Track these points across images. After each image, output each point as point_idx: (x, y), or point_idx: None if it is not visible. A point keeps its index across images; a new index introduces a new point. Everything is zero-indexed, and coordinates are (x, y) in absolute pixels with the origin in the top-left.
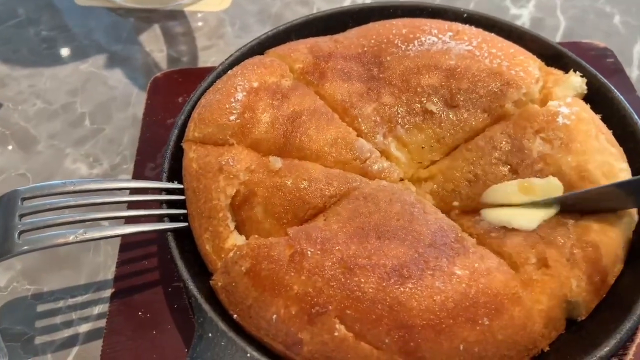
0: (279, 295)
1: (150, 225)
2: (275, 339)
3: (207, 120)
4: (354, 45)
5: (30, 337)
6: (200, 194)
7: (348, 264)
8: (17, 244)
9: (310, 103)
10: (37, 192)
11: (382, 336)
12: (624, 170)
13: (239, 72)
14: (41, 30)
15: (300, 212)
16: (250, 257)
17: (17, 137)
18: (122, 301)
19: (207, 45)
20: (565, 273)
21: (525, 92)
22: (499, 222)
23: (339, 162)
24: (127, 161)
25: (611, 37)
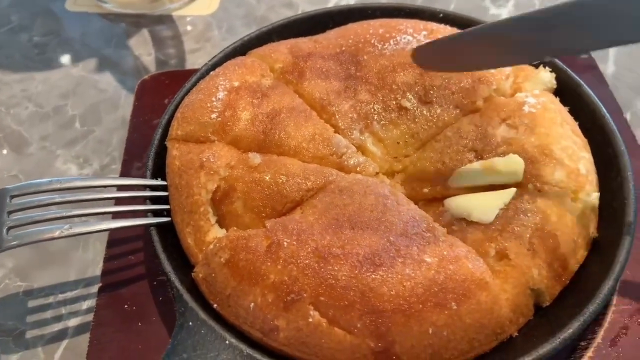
0: (256, 284)
1: (134, 220)
2: (253, 326)
3: (189, 118)
4: (332, 45)
5: (21, 332)
6: (182, 190)
7: (322, 253)
8: (5, 240)
9: (289, 101)
10: (24, 190)
11: (354, 321)
12: (585, 158)
13: (220, 72)
14: (33, 36)
15: (278, 205)
16: (229, 249)
17: (10, 140)
18: (109, 295)
19: (195, 48)
20: (526, 263)
21: (496, 88)
22: (459, 213)
23: (316, 157)
24: (116, 161)
25: None
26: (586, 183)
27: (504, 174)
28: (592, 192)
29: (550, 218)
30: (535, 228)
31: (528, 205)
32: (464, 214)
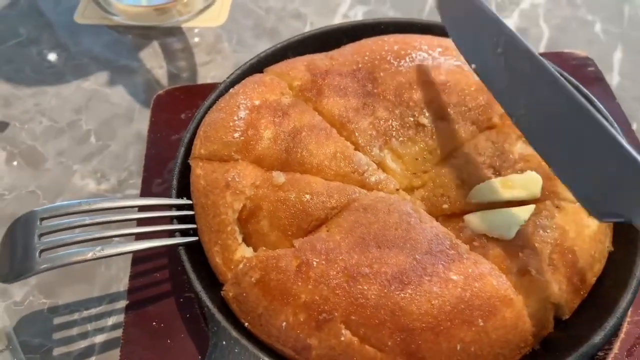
0: (288, 303)
1: (163, 241)
2: (285, 344)
3: (212, 138)
4: (348, 62)
5: (48, 349)
6: (208, 209)
7: (351, 272)
8: (38, 262)
9: (310, 119)
10: (54, 212)
11: (385, 339)
12: None
13: (240, 90)
14: (43, 49)
15: (304, 223)
16: (259, 269)
17: (25, 155)
18: (137, 312)
19: (206, 60)
20: (547, 278)
21: None
22: (480, 229)
23: (338, 175)
24: (134, 176)
25: (593, 44)
26: None
27: (523, 191)
28: None
29: (569, 234)
30: (555, 244)
31: (547, 221)
32: (484, 230)
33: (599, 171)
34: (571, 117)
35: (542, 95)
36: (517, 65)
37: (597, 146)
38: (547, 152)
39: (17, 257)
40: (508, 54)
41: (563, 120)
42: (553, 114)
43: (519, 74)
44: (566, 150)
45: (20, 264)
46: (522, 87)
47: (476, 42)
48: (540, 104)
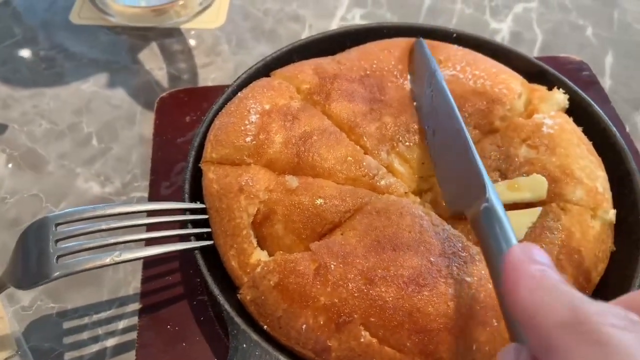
0: (307, 306)
1: (180, 245)
2: (305, 346)
3: (223, 142)
4: (356, 67)
5: (59, 353)
6: (223, 214)
7: (369, 275)
8: (56, 268)
9: (319, 123)
10: (69, 218)
11: (403, 340)
12: (601, 177)
13: (250, 95)
14: (39, 50)
15: (318, 227)
16: (277, 272)
17: (26, 158)
18: (150, 316)
19: (206, 62)
20: None
21: (509, 108)
22: None
23: (349, 178)
24: (138, 179)
25: (584, 48)
26: (604, 201)
27: (529, 193)
28: (609, 209)
29: (575, 235)
30: (562, 245)
31: (553, 223)
32: None
33: (460, 178)
34: (453, 137)
35: (443, 120)
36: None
37: (463, 162)
38: (437, 163)
39: (32, 264)
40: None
41: (451, 143)
42: (448, 140)
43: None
44: (447, 162)
45: (37, 270)
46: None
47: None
48: (442, 130)
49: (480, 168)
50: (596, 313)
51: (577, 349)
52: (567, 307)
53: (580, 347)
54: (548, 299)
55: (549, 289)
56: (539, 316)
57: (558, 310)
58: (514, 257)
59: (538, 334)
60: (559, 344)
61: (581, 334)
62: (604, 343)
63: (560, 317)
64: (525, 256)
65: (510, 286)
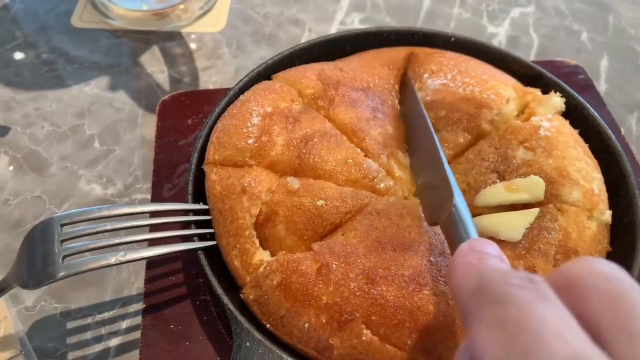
0: (310, 305)
1: (184, 245)
2: (308, 345)
3: (226, 144)
4: (359, 79)
5: (63, 353)
6: (226, 214)
7: (370, 275)
8: (61, 268)
9: (320, 126)
10: (74, 218)
11: (404, 338)
12: (597, 179)
13: (252, 97)
14: (41, 53)
15: (319, 228)
16: (280, 272)
17: (29, 160)
18: (154, 316)
19: (207, 65)
20: None
21: (497, 112)
22: (487, 232)
23: (349, 180)
24: (140, 181)
25: (580, 53)
26: (600, 202)
27: (527, 194)
28: (605, 210)
29: (571, 235)
30: (559, 245)
31: (550, 223)
32: (492, 233)
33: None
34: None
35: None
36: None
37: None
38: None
39: (38, 264)
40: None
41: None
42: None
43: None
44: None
45: (43, 270)
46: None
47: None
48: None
49: (449, 176)
50: (498, 277)
51: (480, 309)
52: (476, 277)
53: (482, 308)
54: (467, 276)
55: (477, 270)
56: (458, 290)
57: (469, 281)
58: (460, 249)
59: (459, 308)
60: (468, 309)
61: (483, 296)
62: (501, 300)
63: (470, 286)
64: (468, 248)
65: (450, 272)
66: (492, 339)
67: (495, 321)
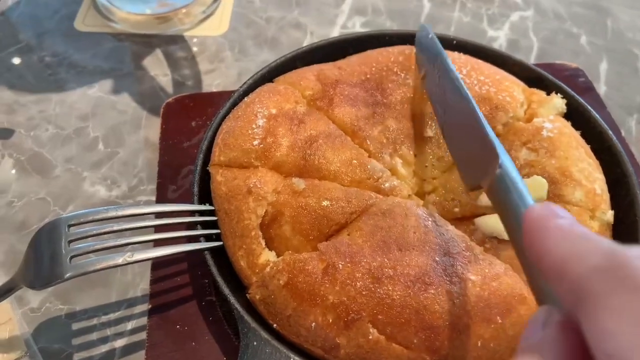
0: (317, 305)
1: (191, 245)
2: (315, 344)
3: (231, 145)
4: (357, 72)
5: (69, 354)
6: (232, 215)
7: (376, 274)
8: (69, 268)
9: (325, 127)
10: (82, 219)
11: (411, 337)
12: (599, 179)
13: (256, 99)
14: (44, 56)
15: (324, 228)
16: (286, 272)
17: (33, 162)
18: (160, 316)
19: (210, 69)
20: None
21: (512, 115)
22: (491, 232)
23: (354, 181)
24: (144, 183)
25: (579, 56)
26: (602, 202)
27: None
28: (607, 211)
29: None
30: None
31: None
32: (496, 233)
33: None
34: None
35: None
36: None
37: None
38: (450, 142)
39: (45, 264)
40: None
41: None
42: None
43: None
44: (459, 138)
45: (50, 270)
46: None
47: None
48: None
49: (491, 136)
50: (636, 257)
51: (614, 294)
52: (602, 252)
53: (617, 293)
54: (579, 247)
55: (579, 237)
56: (570, 264)
57: (591, 256)
58: (537, 212)
59: (569, 284)
60: (593, 289)
61: (619, 279)
62: None
63: (595, 262)
64: (547, 211)
65: (536, 240)
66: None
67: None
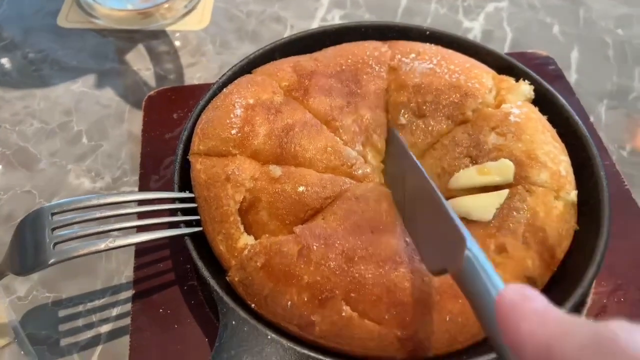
0: (292, 285)
1: (171, 231)
2: (291, 322)
3: (210, 134)
4: (332, 64)
5: (55, 340)
6: (211, 202)
7: (349, 255)
8: (53, 254)
9: (301, 116)
10: (65, 207)
11: (382, 313)
12: (564, 161)
13: (234, 90)
14: (28, 52)
15: (300, 213)
16: (263, 254)
17: (18, 157)
18: (143, 301)
19: (191, 62)
20: (522, 254)
21: (481, 101)
22: (460, 213)
23: (329, 167)
24: (127, 174)
25: (552, 45)
26: (566, 183)
27: (497, 176)
28: (572, 191)
29: (539, 214)
30: (527, 223)
31: (519, 203)
32: (465, 214)
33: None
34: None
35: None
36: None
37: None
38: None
39: (29, 251)
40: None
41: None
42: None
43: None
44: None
45: (35, 256)
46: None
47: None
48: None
49: (457, 221)
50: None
51: None
52: (586, 330)
53: None
54: (561, 328)
55: (558, 319)
56: (556, 346)
57: (576, 335)
58: (509, 297)
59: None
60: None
61: (610, 353)
62: None
63: (581, 341)
64: (519, 295)
65: (512, 326)
66: None
67: None
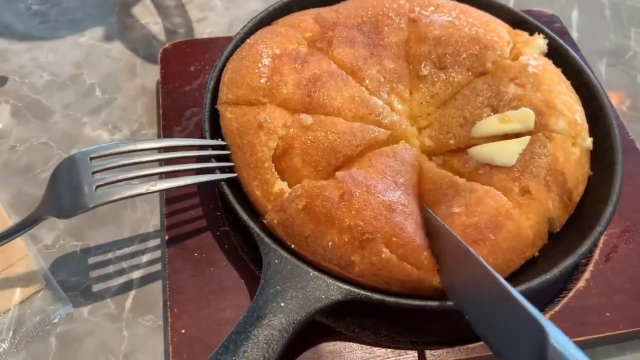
0: (333, 226)
1: (209, 176)
2: (331, 262)
3: (239, 83)
4: (353, 15)
5: (87, 286)
6: (245, 149)
7: (390, 205)
8: (95, 197)
9: (327, 66)
10: (102, 152)
11: (421, 259)
12: (579, 110)
13: (259, 40)
14: (31, 4)
15: (332, 160)
16: (305, 197)
17: (31, 109)
18: (177, 246)
19: (201, 17)
20: (544, 196)
21: (500, 53)
22: (484, 159)
23: (357, 116)
24: (145, 127)
25: (553, 5)
26: (582, 130)
27: (518, 124)
28: (587, 138)
29: (559, 159)
30: (548, 168)
31: (540, 149)
32: (489, 160)
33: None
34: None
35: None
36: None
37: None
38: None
39: (70, 194)
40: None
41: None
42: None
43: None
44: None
45: (76, 199)
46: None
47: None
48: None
49: (528, 307)
50: None
51: None
52: None
53: None
54: None
55: None
56: None
57: None
58: None
59: None
60: None
61: None
62: None
63: None
64: None
65: None
66: None
67: None
